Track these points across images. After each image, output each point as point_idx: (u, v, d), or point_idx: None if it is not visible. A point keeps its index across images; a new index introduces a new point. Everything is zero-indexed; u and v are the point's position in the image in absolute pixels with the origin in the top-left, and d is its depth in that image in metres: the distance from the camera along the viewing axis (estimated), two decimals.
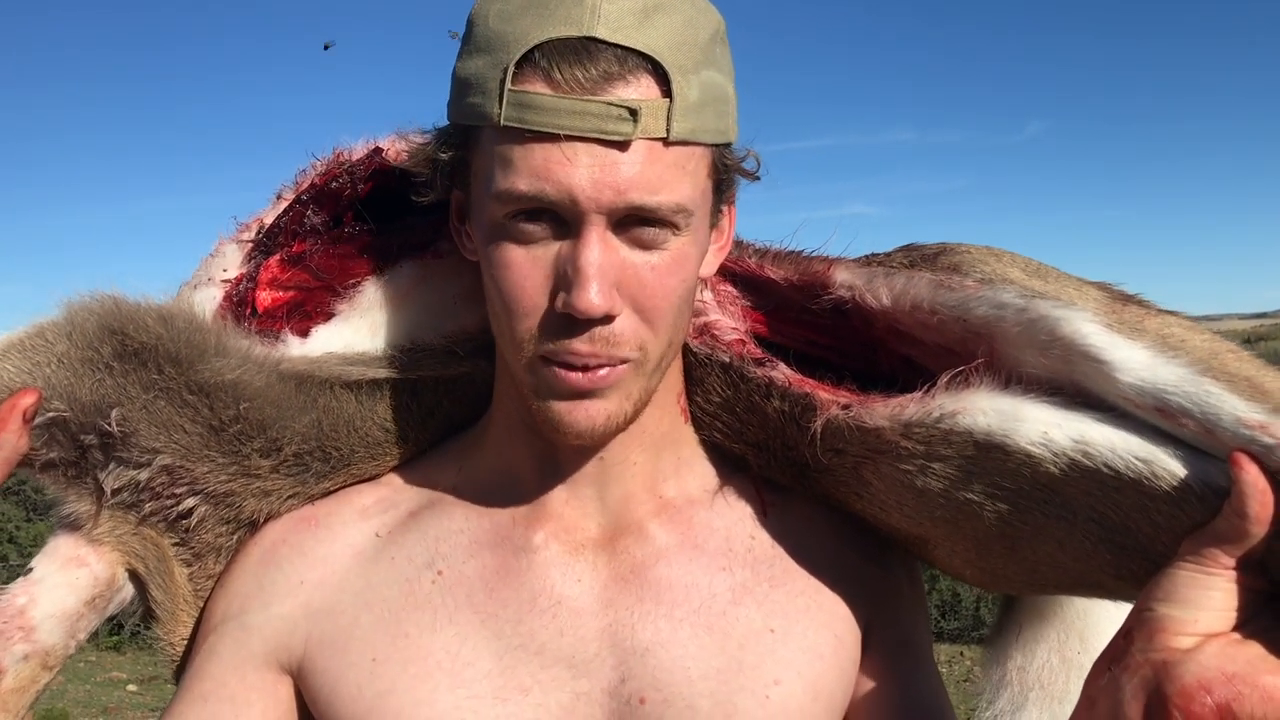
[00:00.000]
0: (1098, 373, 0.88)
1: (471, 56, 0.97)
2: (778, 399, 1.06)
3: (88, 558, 1.06)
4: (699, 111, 0.94)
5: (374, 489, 1.13)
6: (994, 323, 0.94)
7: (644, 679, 1.03)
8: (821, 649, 1.08)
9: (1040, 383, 0.93)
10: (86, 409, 1.01)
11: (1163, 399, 0.85)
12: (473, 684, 1.01)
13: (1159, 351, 0.86)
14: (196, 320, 1.06)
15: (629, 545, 1.09)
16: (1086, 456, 0.88)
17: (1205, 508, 0.84)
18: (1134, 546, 0.90)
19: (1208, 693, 0.80)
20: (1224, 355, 0.86)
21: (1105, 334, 0.88)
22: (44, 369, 1.00)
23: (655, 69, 0.92)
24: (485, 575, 1.06)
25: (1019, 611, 1.20)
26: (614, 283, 0.94)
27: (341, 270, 1.13)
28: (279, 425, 1.07)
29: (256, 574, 1.09)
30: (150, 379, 1.03)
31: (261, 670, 1.05)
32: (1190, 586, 0.83)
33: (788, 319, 1.14)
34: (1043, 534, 0.95)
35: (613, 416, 1.00)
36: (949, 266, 0.99)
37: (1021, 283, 0.95)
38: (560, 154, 0.91)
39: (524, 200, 0.92)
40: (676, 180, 0.94)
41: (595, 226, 0.92)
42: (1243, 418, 0.81)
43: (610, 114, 0.90)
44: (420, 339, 1.13)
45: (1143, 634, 0.85)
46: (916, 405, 0.97)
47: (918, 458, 0.97)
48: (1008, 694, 1.16)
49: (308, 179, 1.15)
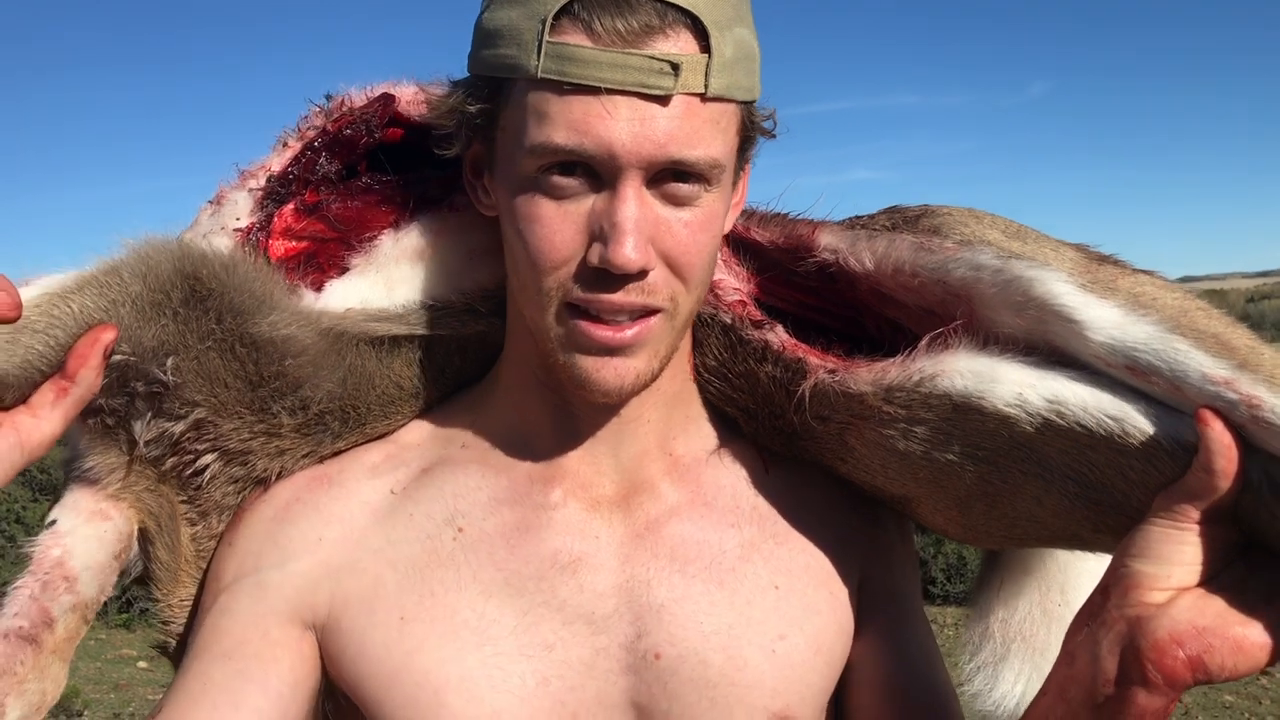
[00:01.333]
0: (1070, 332, 0.89)
1: (502, 7, 0.96)
2: (771, 364, 1.08)
3: (110, 512, 1.04)
4: (733, 68, 0.95)
5: (381, 447, 1.13)
6: (971, 284, 0.95)
7: (659, 635, 1.05)
8: (819, 605, 1.11)
9: (1017, 343, 0.95)
10: (146, 355, 0.99)
11: (1132, 357, 0.86)
12: (498, 640, 1.02)
13: (1130, 310, 0.88)
14: (256, 270, 1.04)
15: (643, 502, 1.10)
16: (1060, 416, 0.90)
17: (1176, 463, 0.86)
18: (1109, 502, 0.92)
19: (1180, 646, 0.82)
20: (1193, 313, 0.88)
21: (1078, 293, 0.89)
22: (119, 309, 0.97)
23: (694, 24, 0.92)
24: (506, 532, 1.06)
25: (1001, 566, 1.22)
26: (649, 237, 0.94)
27: (359, 221, 1.11)
28: (312, 383, 1.06)
29: (270, 532, 1.07)
30: (209, 328, 1.01)
31: (285, 626, 1.03)
32: (1163, 542, 0.85)
33: (779, 281, 1.15)
34: (1021, 491, 0.97)
35: (641, 375, 1.01)
36: (929, 229, 1.00)
37: (999, 244, 0.96)
38: (600, 107, 0.90)
39: (561, 153, 0.92)
40: (712, 135, 0.95)
41: (631, 181, 0.93)
42: (1209, 374, 0.82)
43: (652, 68, 0.90)
44: (438, 295, 1.12)
45: (1118, 590, 0.87)
46: (897, 369, 0.98)
47: (900, 422, 0.99)
48: (990, 646, 1.19)
49: (313, 125, 1.13)
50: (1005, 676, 1.16)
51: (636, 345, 0.98)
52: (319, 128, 1.12)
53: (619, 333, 0.97)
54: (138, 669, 8.04)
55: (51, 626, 0.98)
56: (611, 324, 0.97)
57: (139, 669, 8.04)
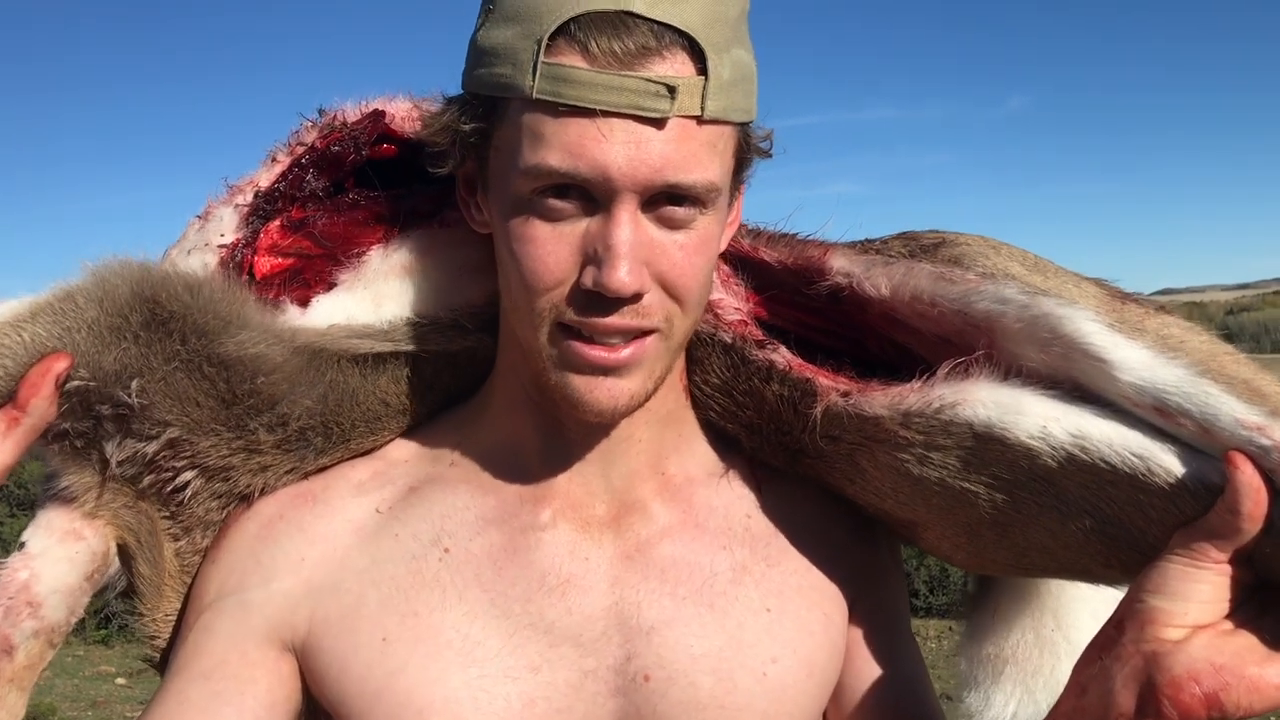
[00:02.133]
0: (1098, 371, 0.90)
1: (497, 25, 0.94)
2: (778, 383, 1.07)
3: (83, 531, 1.03)
4: (730, 90, 0.94)
5: (367, 464, 1.12)
6: (995, 317, 0.95)
7: (649, 657, 1.04)
8: (813, 627, 1.10)
9: (1039, 377, 0.95)
10: (108, 379, 0.98)
11: (1162, 399, 0.87)
12: (483, 663, 1.01)
13: (1159, 352, 0.89)
14: (223, 290, 1.03)
15: (633, 523, 1.09)
16: (1084, 451, 0.90)
17: (1198, 503, 0.87)
18: (1125, 538, 0.93)
19: (1196, 683, 0.83)
20: (1222, 357, 0.89)
21: (1107, 333, 0.90)
22: (74, 335, 0.96)
23: (691, 46, 0.91)
24: (493, 553, 1.05)
25: (996, 590, 1.22)
26: (643, 261, 0.93)
27: (345, 238, 1.10)
28: (289, 400, 1.05)
29: (254, 550, 1.06)
30: (174, 350, 1.00)
31: (264, 647, 1.03)
32: (1181, 580, 0.86)
33: (781, 300, 1.14)
34: (1036, 523, 0.97)
35: (635, 395, 1.00)
36: (950, 259, 1.00)
37: (1022, 278, 0.96)
38: (596, 130, 0.89)
39: (556, 176, 0.91)
40: (708, 159, 0.94)
41: (627, 205, 0.91)
42: (1241, 419, 0.83)
43: (648, 90, 0.89)
44: (426, 312, 1.11)
45: (1134, 625, 0.88)
46: (916, 395, 0.98)
47: (916, 447, 0.98)
48: (984, 669, 1.18)
49: (303, 141, 1.11)
50: (996, 700, 1.16)
51: (631, 366, 0.97)
52: (308, 144, 1.11)
53: (613, 353, 0.96)
54: (115, 685, 7.96)
55: (11, 654, 0.96)
56: (605, 345, 0.96)
57: (117, 685, 7.95)
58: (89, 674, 8.23)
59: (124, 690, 7.85)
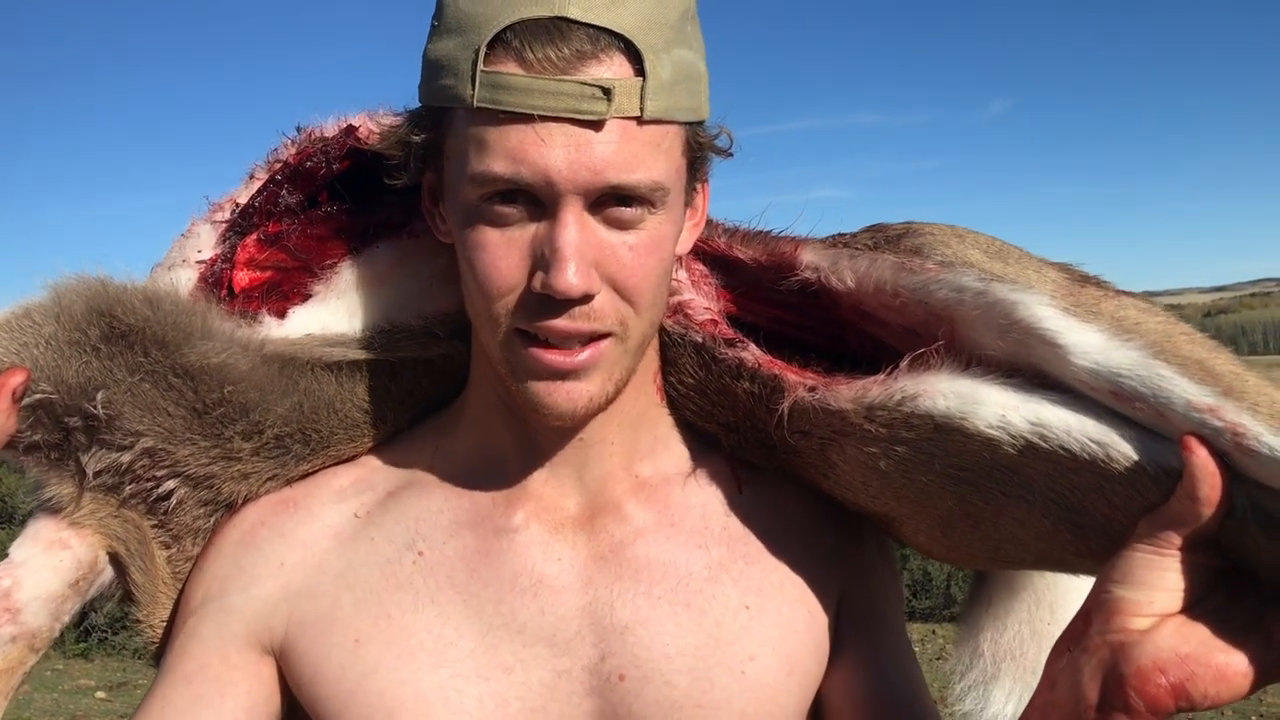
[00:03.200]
0: (1054, 356, 0.89)
1: (442, 38, 0.96)
2: (747, 380, 1.07)
3: (70, 540, 1.05)
4: (671, 90, 0.94)
5: (350, 470, 1.14)
6: (953, 306, 0.94)
7: (623, 656, 1.04)
8: (795, 624, 1.10)
9: (1000, 364, 0.94)
10: (73, 391, 1.01)
11: (1116, 382, 0.85)
12: (456, 663, 1.02)
13: (1113, 334, 0.87)
14: (183, 303, 1.05)
15: (607, 524, 1.09)
16: (1043, 439, 0.89)
17: (1159, 489, 0.85)
18: (1092, 526, 0.91)
19: (1162, 673, 0.82)
20: (1177, 338, 0.87)
21: (1061, 317, 0.89)
22: (31, 350, 0.99)
23: (627, 48, 0.92)
24: (466, 555, 1.07)
25: (990, 585, 1.21)
26: (592, 262, 0.94)
27: (319, 250, 1.13)
28: (261, 408, 1.07)
29: (236, 556, 1.09)
30: (136, 362, 1.02)
31: (244, 651, 1.05)
32: (1145, 568, 0.85)
33: (757, 297, 1.14)
34: (1004, 513, 0.96)
35: (594, 398, 1.00)
36: (911, 249, 0.99)
37: (982, 265, 0.95)
38: (535, 135, 0.90)
39: (499, 182, 0.92)
40: (651, 159, 0.94)
41: (572, 207, 0.92)
42: (1193, 401, 0.82)
43: (584, 93, 0.90)
44: (398, 320, 1.13)
45: (1100, 616, 0.87)
46: (879, 388, 0.98)
47: (881, 440, 0.98)
48: (980, 666, 1.18)
49: (280, 158, 1.14)
50: (996, 696, 1.16)
51: (588, 369, 0.98)
52: (284, 161, 1.13)
53: (570, 357, 0.97)
54: (95, 699, 7.91)
55: None
56: (562, 348, 0.97)
57: (97, 699, 7.90)
58: (68, 688, 8.18)
59: (104, 704, 7.79)
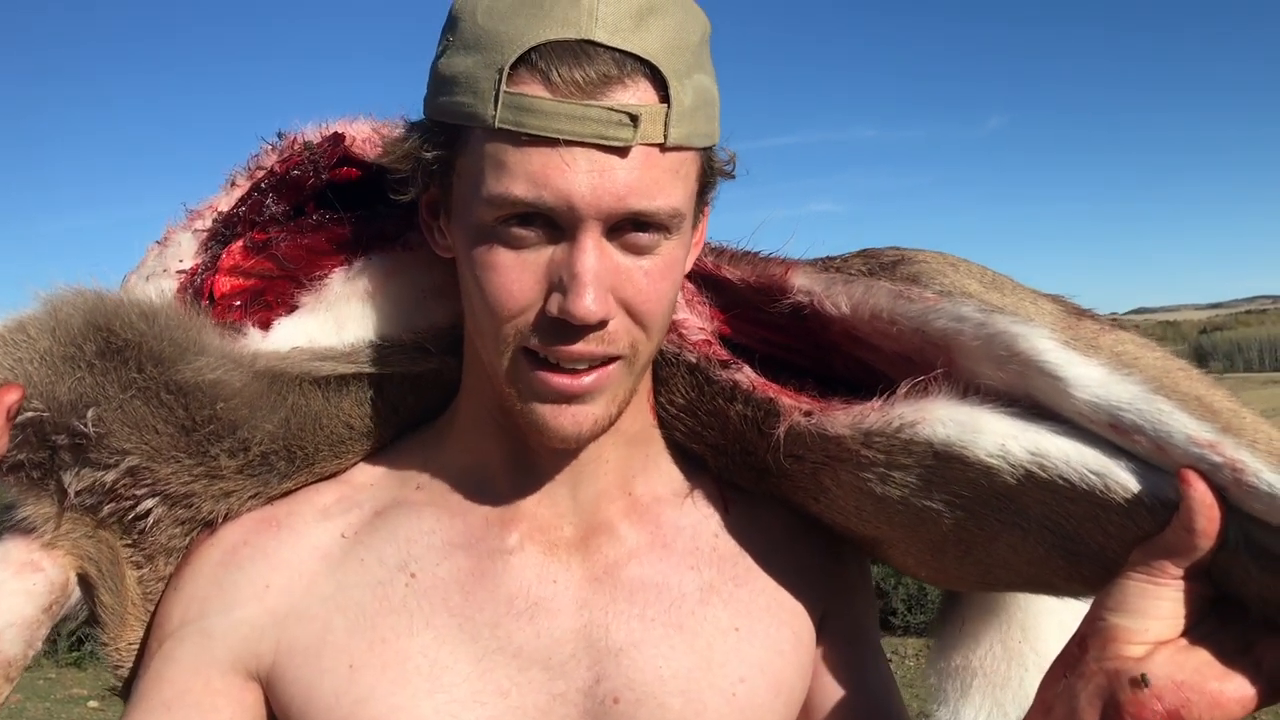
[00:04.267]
0: (1054, 389, 0.90)
1: (458, 53, 0.94)
2: (741, 403, 1.07)
3: (42, 562, 1.02)
4: (693, 116, 0.94)
5: (333, 487, 1.11)
6: (952, 335, 0.95)
7: (618, 679, 1.03)
8: (782, 646, 1.10)
9: (997, 394, 0.95)
10: (63, 409, 0.97)
11: (1116, 416, 0.87)
12: (451, 688, 1.00)
13: (1113, 369, 0.89)
14: (179, 317, 1.02)
15: (601, 545, 1.09)
16: (1042, 468, 0.90)
17: (1155, 519, 0.87)
18: (1086, 553, 0.93)
19: (1159, 700, 0.84)
20: (1175, 373, 0.89)
21: (1062, 350, 0.90)
22: (25, 366, 0.96)
23: (652, 73, 0.91)
24: (460, 578, 1.05)
25: (963, 604, 1.23)
26: (609, 287, 0.93)
27: (308, 260, 1.10)
28: (249, 425, 1.04)
29: (216, 577, 1.05)
30: (129, 378, 0.99)
31: (227, 676, 1.02)
32: (1140, 597, 0.87)
33: (745, 318, 1.14)
34: (998, 540, 0.98)
35: (599, 421, 0.99)
36: (908, 277, 1.00)
37: (979, 295, 0.97)
38: (559, 159, 0.89)
39: (520, 205, 0.91)
40: (671, 185, 0.94)
41: (591, 232, 0.91)
42: (1194, 436, 0.84)
43: (611, 119, 0.89)
44: (388, 334, 1.10)
45: (1096, 643, 0.88)
46: (877, 414, 0.98)
47: (878, 466, 0.98)
48: (953, 684, 1.19)
49: (263, 165, 1.10)
50: (965, 713, 1.16)
51: (595, 392, 0.97)
52: (268, 168, 1.10)
53: (577, 380, 0.96)
54: (88, 709, 7.84)
55: None
56: (569, 372, 0.96)
57: (90, 709, 7.84)
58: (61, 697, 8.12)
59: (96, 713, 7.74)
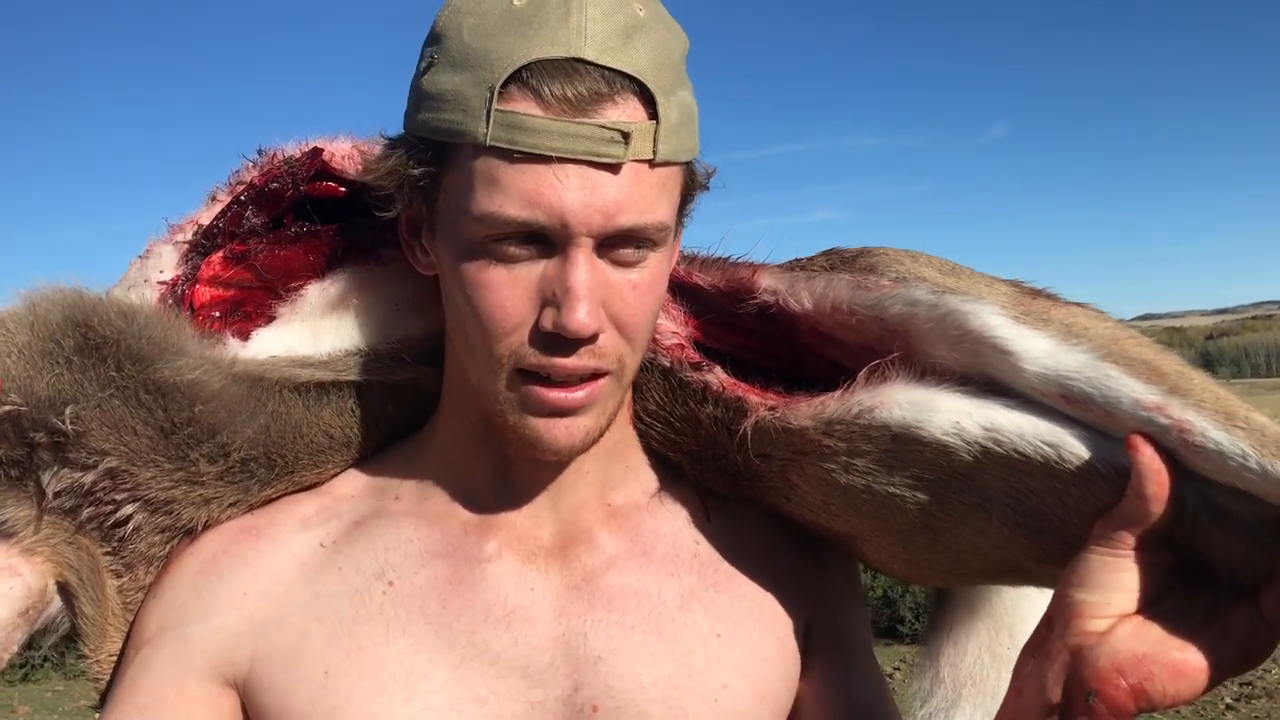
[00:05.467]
0: (1005, 363, 0.91)
1: (444, 71, 0.95)
2: (712, 404, 1.08)
3: (20, 567, 1.02)
4: (678, 131, 0.96)
5: (314, 498, 1.12)
6: (908, 319, 0.97)
7: (597, 687, 1.03)
8: (765, 651, 1.10)
9: (954, 375, 0.96)
10: (42, 405, 0.98)
11: (1066, 385, 0.88)
12: (428, 696, 1.00)
13: (1062, 339, 0.89)
14: (158, 317, 1.03)
15: (580, 553, 1.09)
16: (997, 443, 0.91)
17: (1113, 489, 0.87)
18: (1050, 530, 0.93)
19: (1121, 675, 0.83)
20: (1124, 341, 0.89)
21: (1011, 325, 0.91)
22: (3, 359, 0.97)
23: (640, 90, 0.92)
24: (438, 586, 1.05)
25: (949, 611, 1.22)
26: (599, 301, 0.95)
27: (285, 271, 1.11)
28: (229, 430, 1.05)
29: (195, 585, 1.06)
30: (108, 376, 1.00)
31: (204, 682, 1.02)
32: (1102, 570, 0.86)
33: (721, 324, 1.16)
34: (963, 523, 0.98)
35: (590, 433, 1.01)
36: (866, 267, 1.02)
37: (934, 280, 0.98)
38: (551, 177, 0.90)
39: (514, 225, 0.92)
40: (658, 200, 0.95)
41: (583, 248, 0.93)
42: (1140, 399, 0.84)
43: (603, 136, 0.90)
44: (364, 345, 1.11)
45: (1060, 620, 0.88)
46: (837, 402, 0.99)
47: (840, 455, 0.99)
48: (942, 692, 1.19)
49: (243, 180, 1.12)
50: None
51: (587, 406, 0.99)
52: (248, 182, 1.12)
53: (571, 394, 0.98)
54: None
55: None
56: (563, 386, 0.97)
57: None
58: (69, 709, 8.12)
59: None
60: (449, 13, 0.98)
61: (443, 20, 0.98)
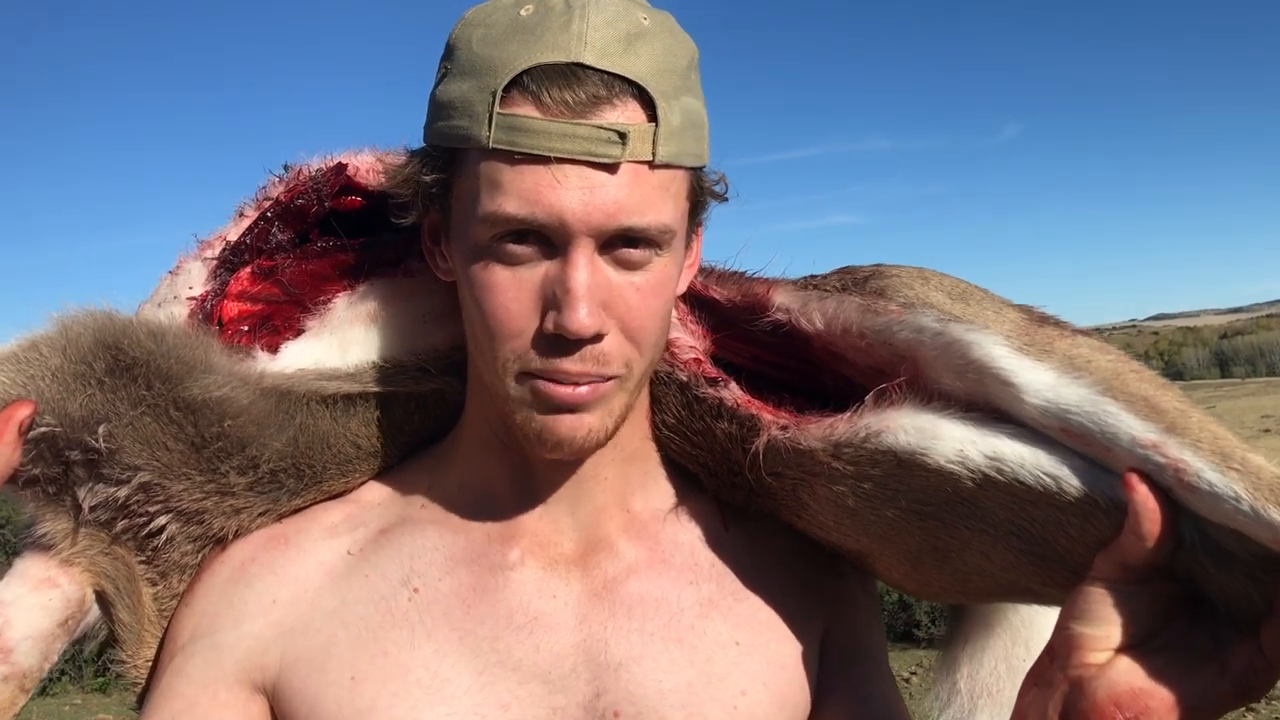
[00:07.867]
0: (1007, 394, 0.91)
1: (454, 80, 0.98)
2: (726, 420, 1.09)
3: (59, 579, 1.05)
4: (680, 136, 0.97)
5: (341, 506, 1.14)
6: (914, 346, 0.97)
7: (618, 693, 1.04)
8: (784, 659, 1.11)
9: (960, 400, 0.96)
10: (75, 424, 1.01)
11: (1066, 419, 0.88)
12: (452, 701, 1.02)
13: (1064, 372, 0.89)
14: (186, 336, 1.06)
15: (600, 561, 1.11)
16: (999, 472, 0.91)
17: (1113, 523, 0.87)
18: (1054, 557, 0.93)
19: (1118, 709, 0.83)
20: (1126, 375, 0.89)
21: (1014, 357, 0.91)
22: (38, 382, 0.99)
23: (640, 94, 0.95)
24: (462, 592, 1.07)
25: (966, 622, 1.23)
26: (602, 302, 0.96)
27: (313, 286, 1.14)
28: (258, 443, 1.07)
29: (226, 592, 1.08)
30: (139, 395, 1.02)
31: (234, 689, 1.04)
32: (1102, 603, 0.86)
33: (737, 336, 1.17)
34: (969, 547, 0.98)
35: (594, 431, 1.02)
36: (876, 291, 1.02)
37: (942, 306, 0.98)
38: (550, 176, 0.93)
39: (513, 223, 0.94)
40: (661, 202, 0.97)
41: (583, 248, 0.94)
42: (1138, 437, 0.84)
43: (600, 137, 0.93)
44: (391, 356, 1.13)
45: (1061, 652, 0.88)
46: (845, 425, 1.00)
47: (848, 478, 1.00)
48: (957, 703, 1.19)
49: (270, 196, 1.15)
50: None
51: (591, 403, 1.00)
52: (274, 198, 1.14)
53: (574, 391, 0.99)
54: None
55: None
56: (568, 383, 0.99)
57: None
58: None
59: None
60: (461, 26, 1.01)
61: (455, 33, 1.01)
